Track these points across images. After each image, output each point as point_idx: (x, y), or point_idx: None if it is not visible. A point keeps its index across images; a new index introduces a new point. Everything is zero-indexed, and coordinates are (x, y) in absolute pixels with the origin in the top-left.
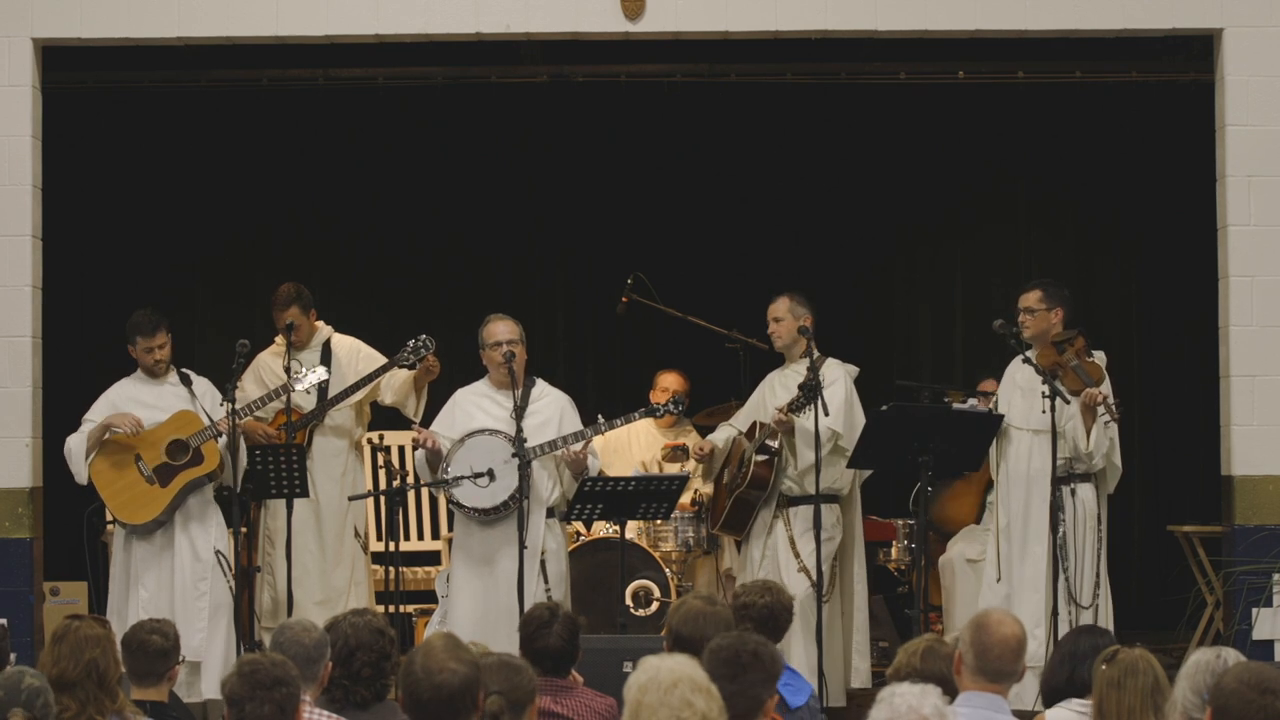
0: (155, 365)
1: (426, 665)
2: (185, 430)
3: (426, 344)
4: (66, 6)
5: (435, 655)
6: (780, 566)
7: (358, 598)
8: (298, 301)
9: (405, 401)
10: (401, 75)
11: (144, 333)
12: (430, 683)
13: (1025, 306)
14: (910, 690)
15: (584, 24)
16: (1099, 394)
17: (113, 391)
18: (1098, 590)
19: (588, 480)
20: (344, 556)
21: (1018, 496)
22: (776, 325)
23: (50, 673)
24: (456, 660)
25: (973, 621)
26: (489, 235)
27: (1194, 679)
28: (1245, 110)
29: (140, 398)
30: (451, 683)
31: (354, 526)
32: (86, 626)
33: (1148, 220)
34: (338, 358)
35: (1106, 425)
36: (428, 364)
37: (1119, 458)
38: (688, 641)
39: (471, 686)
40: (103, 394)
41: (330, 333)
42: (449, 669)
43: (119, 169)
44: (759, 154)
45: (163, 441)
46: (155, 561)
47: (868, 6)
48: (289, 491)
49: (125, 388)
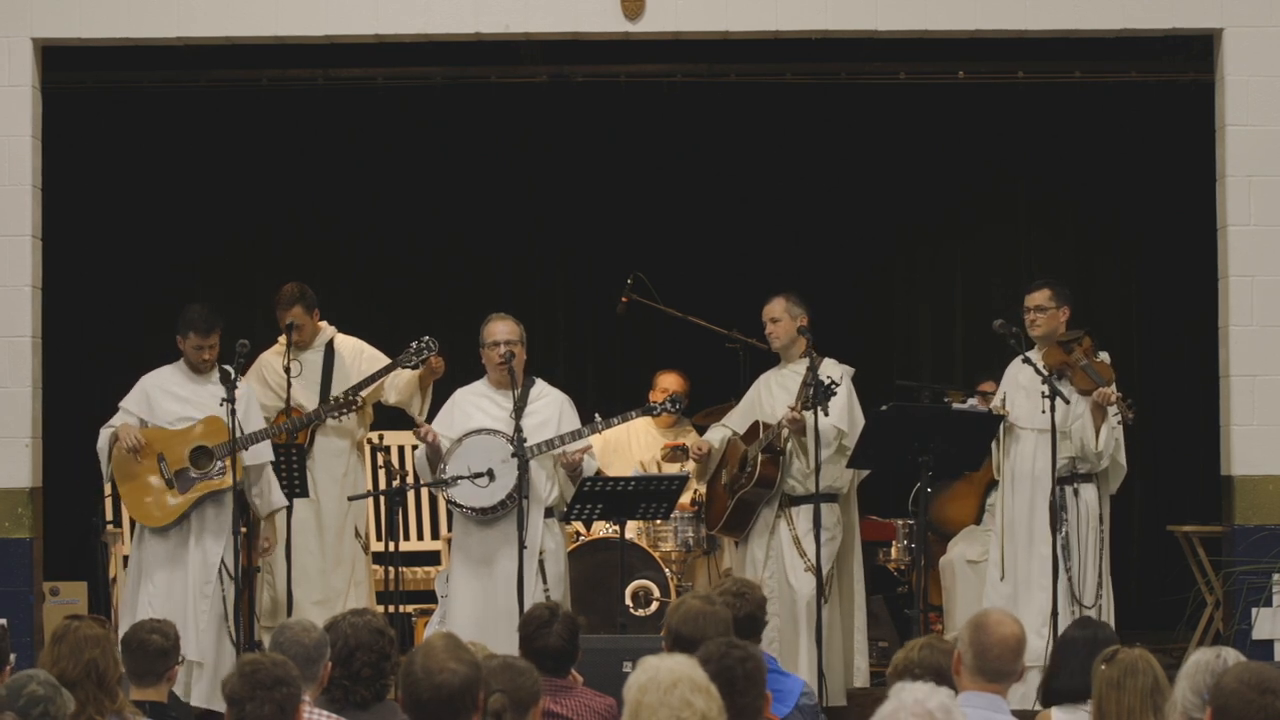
0: (203, 364)
1: (427, 665)
2: (213, 438)
3: (430, 345)
4: (66, 7)
5: (435, 655)
6: (786, 566)
7: (357, 598)
8: (301, 301)
9: (410, 401)
10: (401, 75)
11: (199, 330)
12: (430, 683)
13: (1035, 305)
14: (920, 687)
15: (583, 24)
16: (1113, 393)
17: (148, 380)
18: (1100, 590)
19: (587, 480)
20: (344, 557)
21: (1022, 495)
22: (774, 326)
23: (50, 671)
24: (457, 660)
25: (972, 621)
26: (489, 235)
27: (1194, 679)
28: (1245, 110)
29: (176, 390)
30: (451, 683)
31: (355, 527)
32: (86, 626)
33: (1148, 220)
34: (341, 358)
35: (1116, 425)
36: (431, 365)
37: (1124, 457)
38: (687, 641)
39: (472, 686)
40: (138, 382)
41: (334, 333)
42: (449, 669)
43: (119, 169)
44: (759, 154)
45: (189, 444)
46: (167, 561)
47: (867, 6)
48: (290, 491)
49: (162, 377)
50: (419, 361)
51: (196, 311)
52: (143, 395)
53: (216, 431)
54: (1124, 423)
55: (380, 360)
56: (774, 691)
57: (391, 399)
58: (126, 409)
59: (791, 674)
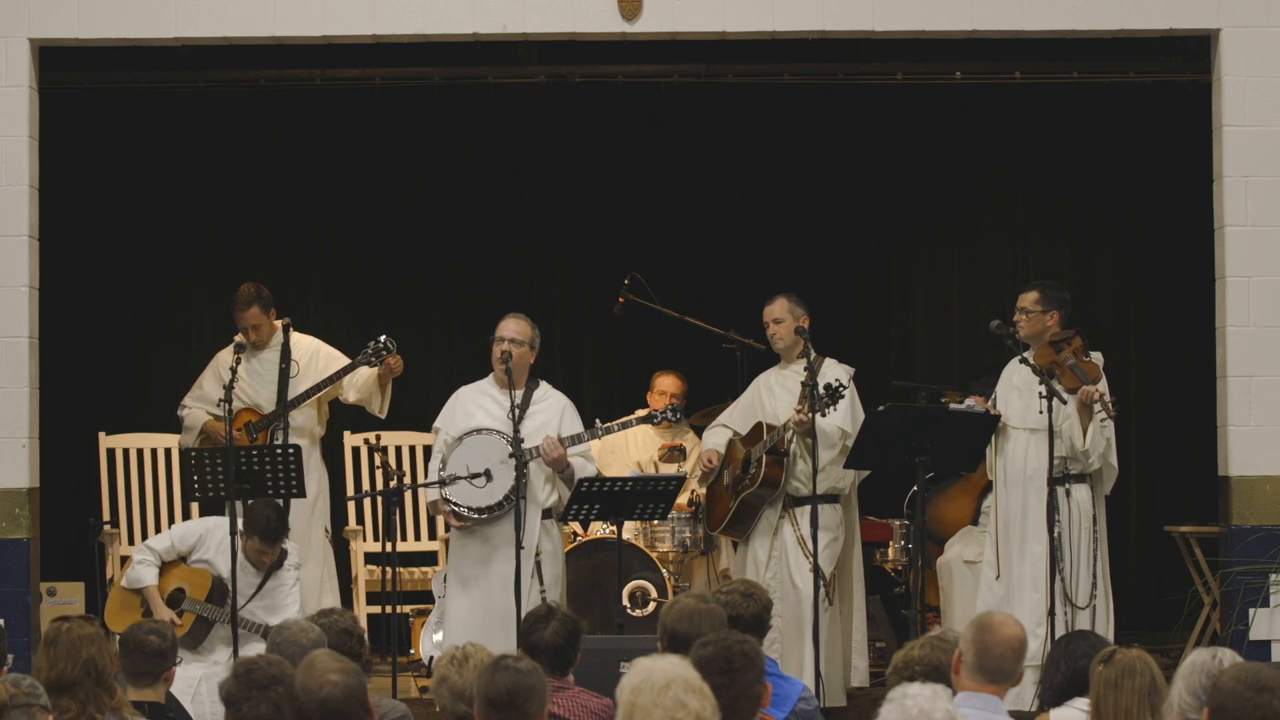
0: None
1: (307, 683)
2: (193, 588)
3: (388, 345)
4: (64, 7)
5: (315, 670)
6: (791, 567)
7: (329, 596)
8: (258, 301)
9: (370, 399)
10: (398, 75)
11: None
12: (315, 698)
13: (1021, 306)
14: (921, 692)
15: (581, 24)
16: (1096, 391)
17: (220, 361)
18: (1094, 591)
19: (584, 480)
20: (313, 555)
21: (1015, 495)
22: (776, 327)
23: (48, 676)
24: (337, 671)
25: (975, 621)
26: (486, 235)
27: (1190, 679)
28: (1242, 111)
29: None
30: (335, 695)
31: (324, 526)
32: (78, 626)
33: (1146, 220)
34: (297, 358)
35: (1103, 424)
36: (389, 364)
37: (1115, 458)
38: (682, 640)
39: (356, 693)
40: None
41: (290, 332)
42: (330, 681)
43: (116, 169)
44: (756, 154)
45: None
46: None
47: (865, 7)
48: (285, 492)
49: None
50: (378, 360)
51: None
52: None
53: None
54: (1107, 419)
55: (337, 358)
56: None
57: (351, 397)
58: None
59: (791, 677)
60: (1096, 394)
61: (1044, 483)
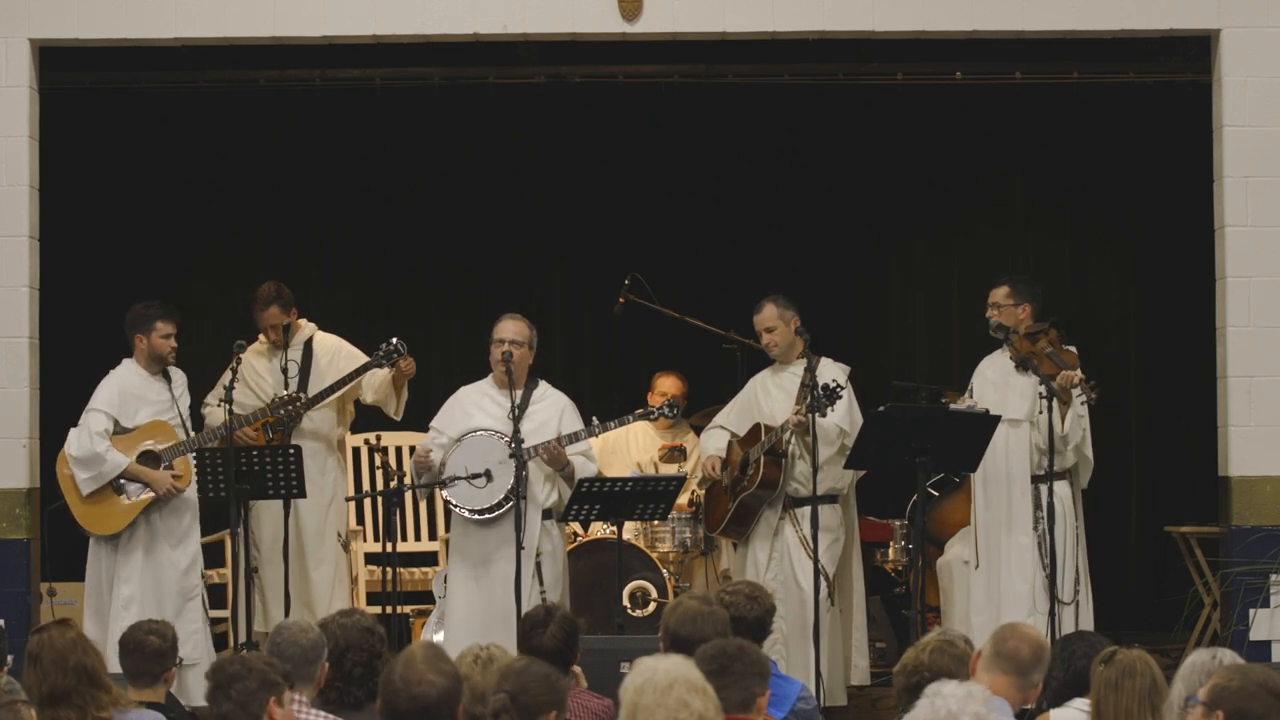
0: (171, 353)
1: (406, 676)
2: (160, 440)
3: (399, 348)
4: (64, 7)
5: (415, 666)
6: (794, 567)
7: (340, 599)
8: (278, 301)
9: (386, 400)
10: (398, 76)
11: (165, 317)
12: (409, 694)
13: (993, 302)
14: (955, 692)
15: (581, 24)
16: (1076, 375)
17: (116, 383)
18: (1078, 586)
19: (585, 481)
20: (325, 558)
21: (997, 489)
22: (770, 335)
23: (41, 691)
24: (436, 672)
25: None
26: (486, 235)
27: (1191, 680)
28: (1242, 111)
29: (144, 394)
30: (429, 695)
31: (337, 531)
32: (58, 634)
33: (1146, 221)
34: (319, 356)
35: (1080, 415)
36: (400, 366)
37: (1090, 450)
38: (685, 642)
39: (450, 699)
40: (104, 383)
41: (313, 331)
42: (428, 680)
43: (116, 169)
44: (756, 154)
45: (133, 448)
46: (136, 563)
47: (865, 7)
48: (285, 492)
49: (127, 381)
50: (389, 363)
51: (150, 306)
52: (120, 398)
53: (160, 433)
54: (1087, 402)
55: (358, 358)
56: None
57: (369, 398)
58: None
59: (790, 677)
60: (1076, 378)
61: (1025, 476)
